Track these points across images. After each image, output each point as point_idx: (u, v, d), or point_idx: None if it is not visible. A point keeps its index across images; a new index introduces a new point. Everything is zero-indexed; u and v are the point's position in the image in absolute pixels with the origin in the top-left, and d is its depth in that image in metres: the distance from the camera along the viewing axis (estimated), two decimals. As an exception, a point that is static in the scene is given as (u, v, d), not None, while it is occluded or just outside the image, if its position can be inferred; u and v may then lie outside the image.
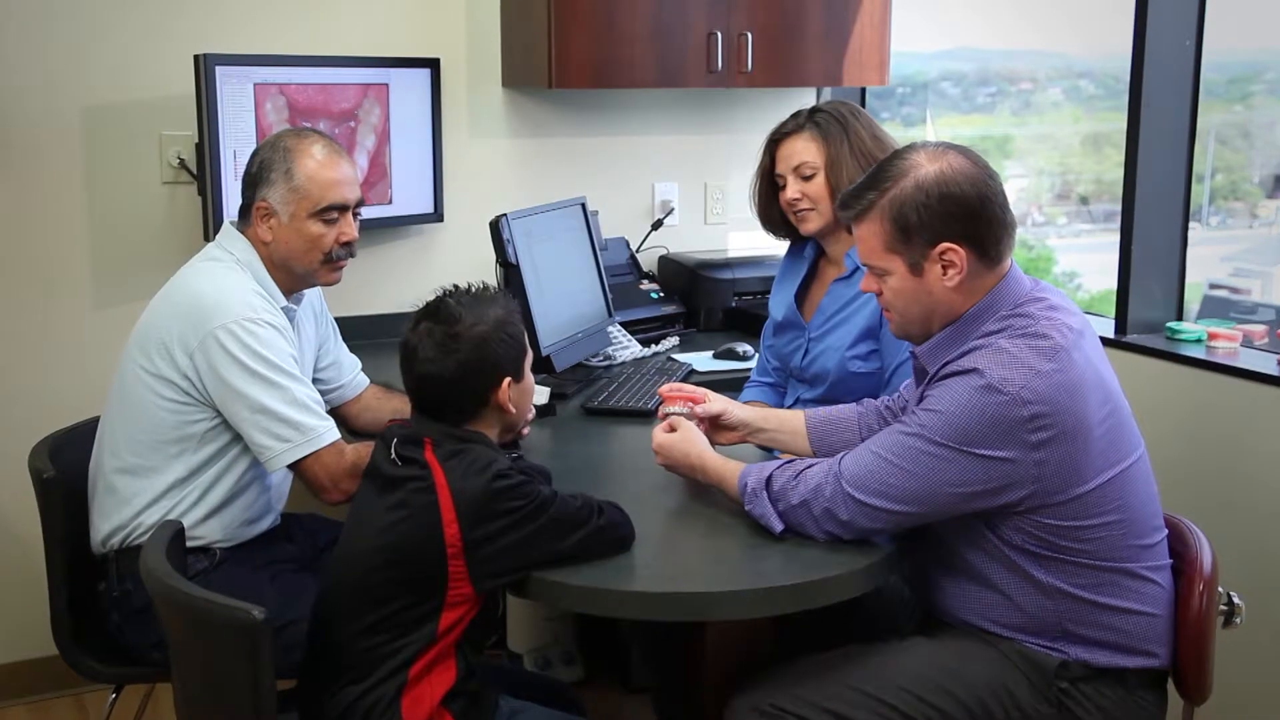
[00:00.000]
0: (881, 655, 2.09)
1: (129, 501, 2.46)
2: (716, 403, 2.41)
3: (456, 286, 2.10)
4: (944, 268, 2.03)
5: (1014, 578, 2.04)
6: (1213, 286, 3.97)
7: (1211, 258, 4.00)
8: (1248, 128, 3.91)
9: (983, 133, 4.98)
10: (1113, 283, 3.22)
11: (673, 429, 2.32)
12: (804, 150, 2.69)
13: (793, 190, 2.70)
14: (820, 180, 2.67)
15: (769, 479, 2.11)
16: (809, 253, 2.84)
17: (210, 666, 1.96)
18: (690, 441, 2.29)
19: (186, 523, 2.41)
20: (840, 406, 2.46)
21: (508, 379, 2.07)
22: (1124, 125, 3.17)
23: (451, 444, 2.01)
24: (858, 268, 2.69)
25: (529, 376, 2.14)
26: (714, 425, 2.42)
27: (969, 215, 2.02)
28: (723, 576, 2.02)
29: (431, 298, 2.10)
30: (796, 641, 2.17)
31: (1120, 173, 3.17)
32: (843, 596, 2.00)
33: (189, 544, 2.37)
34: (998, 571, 2.05)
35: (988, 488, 1.97)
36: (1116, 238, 3.21)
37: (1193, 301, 3.43)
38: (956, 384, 1.99)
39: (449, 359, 2.02)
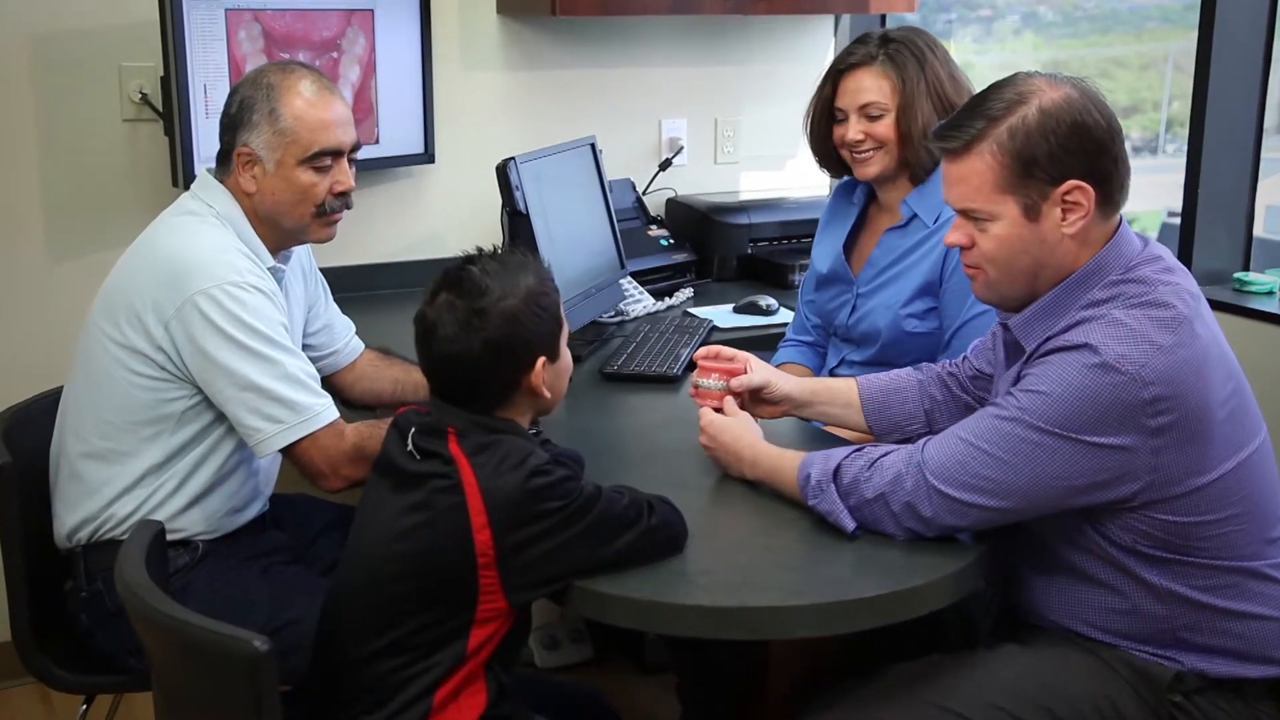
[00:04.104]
0: (969, 667, 1.85)
1: (98, 491, 2.17)
2: (759, 373, 2.14)
3: (481, 250, 1.81)
4: (1065, 211, 1.76)
5: (1122, 579, 1.80)
6: (1171, 214, 3.79)
7: (1170, 185, 3.79)
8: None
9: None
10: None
11: (720, 409, 2.06)
12: (874, 88, 2.39)
13: (855, 130, 2.41)
14: (888, 122, 2.39)
15: (837, 470, 1.84)
16: (859, 198, 2.56)
17: (203, 697, 1.68)
18: (743, 428, 2.03)
19: (164, 513, 2.15)
20: (896, 373, 2.20)
21: (542, 359, 1.78)
22: (1083, 53, 2.95)
23: (479, 435, 1.73)
24: (915, 216, 2.43)
25: (565, 354, 1.86)
26: (755, 398, 2.15)
27: (1100, 150, 1.75)
28: (793, 587, 1.75)
29: (453, 264, 1.80)
30: (869, 650, 1.91)
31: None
32: (933, 607, 1.75)
33: (167, 537, 2.08)
34: (1103, 571, 1.80)
35: (1098, 480, 1.71)
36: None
37: (1149, 230, 3.29)
38: (1064, 361, 1.72)
39: (474, 338, 1.73)
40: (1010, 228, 1.79)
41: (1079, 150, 1.75)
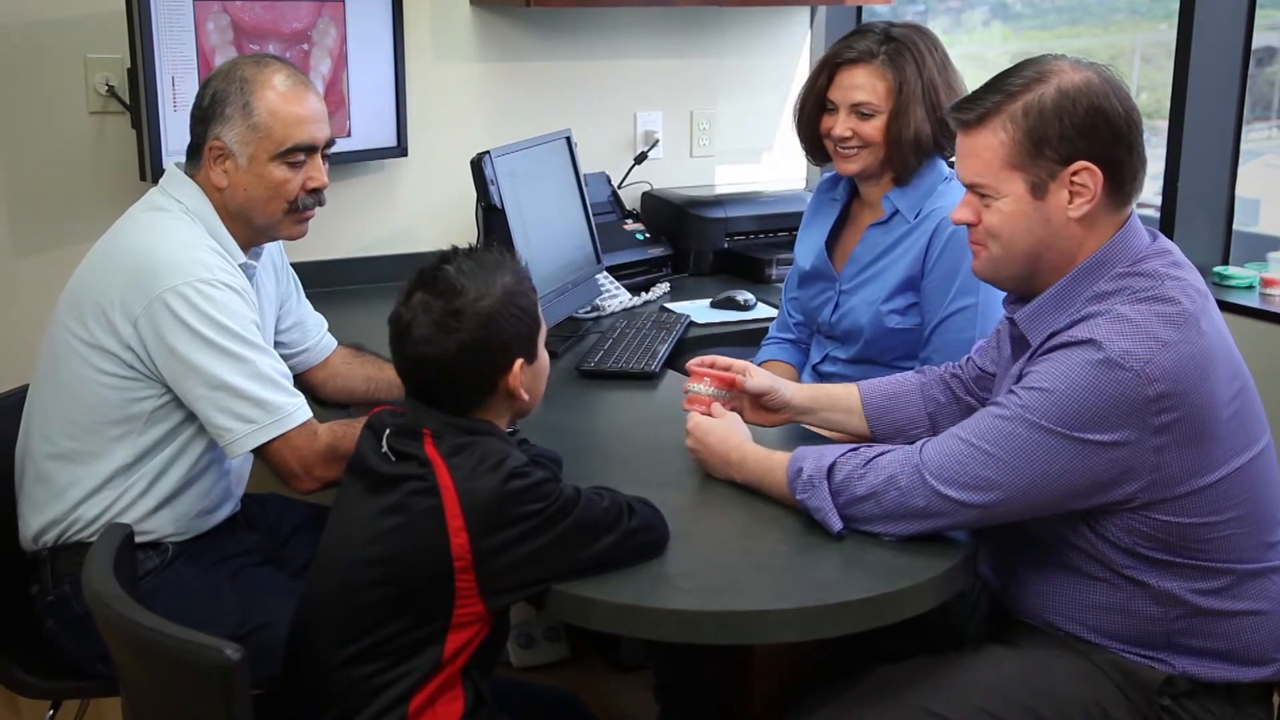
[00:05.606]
0: (956, 669, 1.82)
1: (64, 492, 2.12)
2: (760, 379, 2.11)
3: (456, 249, 1.76)
4: (1071, 194, 1.74)
5: (1119, 579, 1.77)
6: (1138, 204, 3.76)
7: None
8: (1172, 46, 3.78)
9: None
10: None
11: (710, 413, 2.03)
12: (869, 87, 2.36)
13: (843, 126, 2.38)
14: (878, 124, 2.36)
15: (831, 467, 1.81)
16: (841, 193, 2.53)
17: (173, 705, 1.64)
18: (729, 430, 1.99)
19: (133, 515, 2.10)
20: (897, 377, 2.16)
21: (519, 360, 1.74)
22: (1051, 44, 2.93)
23: (456, 436, 1.69)
24: (896, 212, 2.41)
25: (543, 355, 1.82)
26: (755, 405, 2.12)
27: (1114, 137, 1.73)
28: (779, 589, 1.71)
29: (428, 263, 1.75)
30: (854, 651, 1.88)
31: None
32: (921, 609, 1.72)
33: (136, 539, 2.03)
34: (1100, 570, 1.77)
35: (1099, 480, 1.69)
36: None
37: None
38: (1068, 358, 1.69)
39: (449, 339, 1.69)
40: (1016, 204, 1.76)
41: (1092, 134, 1.72)
